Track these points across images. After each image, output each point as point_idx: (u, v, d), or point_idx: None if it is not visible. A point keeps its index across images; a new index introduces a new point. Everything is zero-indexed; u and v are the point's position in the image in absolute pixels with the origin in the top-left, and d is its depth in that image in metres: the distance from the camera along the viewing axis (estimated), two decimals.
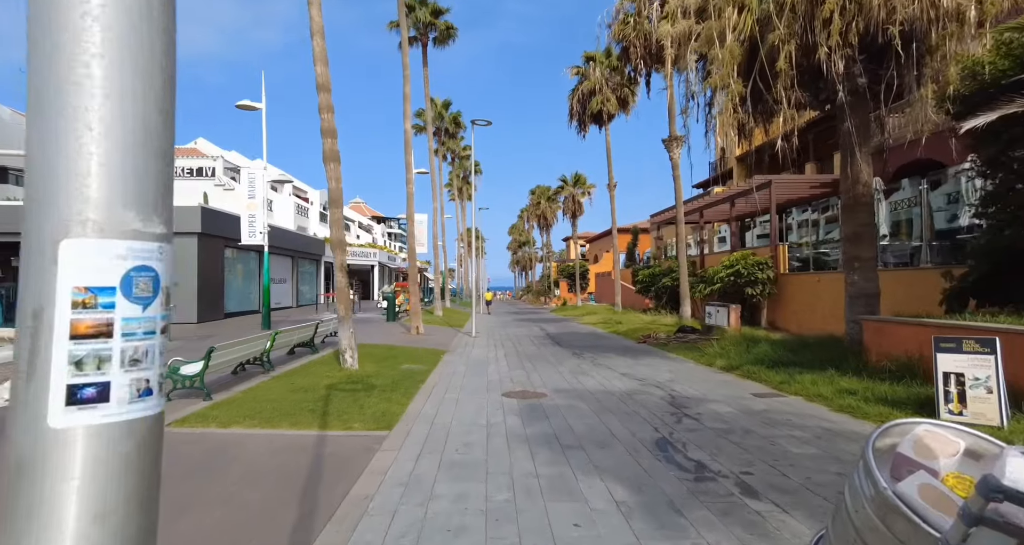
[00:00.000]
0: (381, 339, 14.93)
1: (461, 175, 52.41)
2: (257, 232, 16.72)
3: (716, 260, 21.67)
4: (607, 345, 14.69)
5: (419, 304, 16.79)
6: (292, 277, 30.72)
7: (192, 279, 19.83)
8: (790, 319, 16.07)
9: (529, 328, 21.25)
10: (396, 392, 7.57)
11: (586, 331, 19.49)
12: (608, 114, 25.00)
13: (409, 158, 16.82)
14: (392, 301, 20.92)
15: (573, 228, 37.31)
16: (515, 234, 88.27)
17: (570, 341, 15.79)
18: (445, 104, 33.67)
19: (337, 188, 8.65)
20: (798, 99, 8.06)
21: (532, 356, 12.33)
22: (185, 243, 19.75)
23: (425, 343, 14.60)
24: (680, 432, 5.73)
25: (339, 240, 8.77)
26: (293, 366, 9.59)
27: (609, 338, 16.74)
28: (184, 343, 13.91)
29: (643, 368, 10.30)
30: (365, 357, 10.66)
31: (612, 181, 25.89)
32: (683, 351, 12.56)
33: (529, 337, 17.28)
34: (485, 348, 14.06)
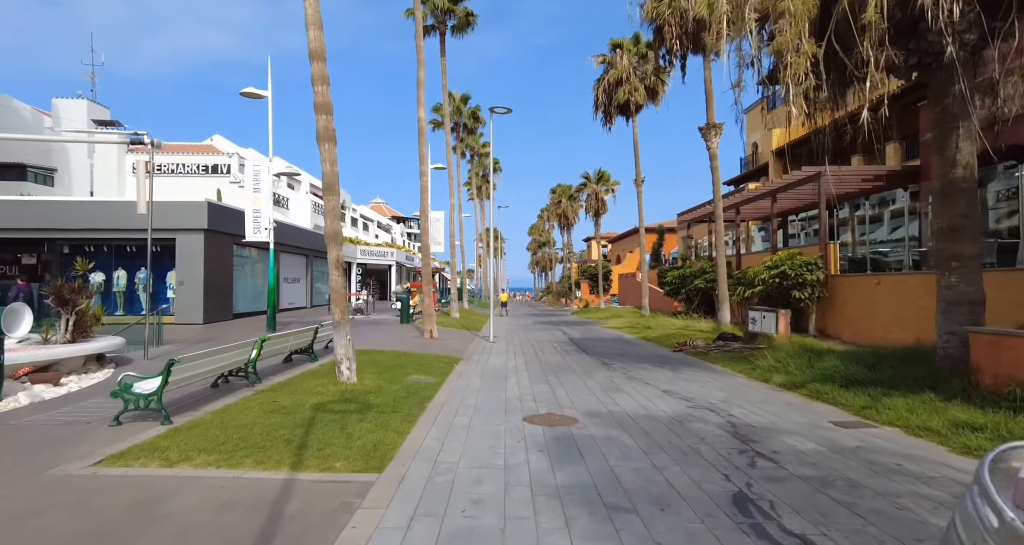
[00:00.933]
0: (390, 344, 13.72)
1: (480, 173, 51.27)
2: (263, 228, 15.70)
3: (754, 261, 20.00)
4: (639, 354, 13.24)
5: (433, 306, 15.54)
6: (306, 276, 29.86)
7: (198, 278, 18.97)
8: (843, 326, 14.39)
9: (551, 332, 19.87)
10: (396, 414, 6.28)
11: (612, 336, 18.03)
12: (636, 105, 23.47)
13: (423, 149, 15.62)
14: (406, 302, 19.75)
15: (596, 227, 35.79)
16: (535, 234, 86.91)
17: (597, 348, 14.37)
18: (464, 98, 32.50)
19: (332, 172, 7.43)
20: (888, 59, 6.56)
21: (556, 366, 10.96)
22: (191, 240, 18.91)
23: (438, 349, 13.35)
24: (760, 483, 4.31)
25: (334, 232, 7.55)
26: (283, 378, 8.40)
27: (639, 345, 15.26)
28: (178, 347, 12.86)
29: (687, 384, 8.86)
30: (368, 367, 9.44)
31: (639, 176, 24.36)
32: (728, 362, 11.05)
33: (551, 343, 15.91)
34: (503, 355, 12.74)
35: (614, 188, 34.98)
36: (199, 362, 6.14)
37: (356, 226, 47.12)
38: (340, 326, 7.60)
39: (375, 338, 15.03)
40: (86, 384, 7.78)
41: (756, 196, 19.28)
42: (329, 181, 7.48)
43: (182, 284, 18.71)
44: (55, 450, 4.89)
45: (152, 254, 20.39)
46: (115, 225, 18.33)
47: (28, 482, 4.16)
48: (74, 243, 19.09)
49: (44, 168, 33.34)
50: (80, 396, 7.12)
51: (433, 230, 26.54)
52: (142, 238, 19.67)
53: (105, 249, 19.06)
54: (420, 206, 15.70)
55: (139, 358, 10.71)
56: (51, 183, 33.54)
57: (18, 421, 5.91)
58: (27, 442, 5.24)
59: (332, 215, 7.50)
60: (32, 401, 6.56)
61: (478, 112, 32.99)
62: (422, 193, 15.76)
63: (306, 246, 29.32)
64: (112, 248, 19.18)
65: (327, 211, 7.49)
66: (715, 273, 21.50)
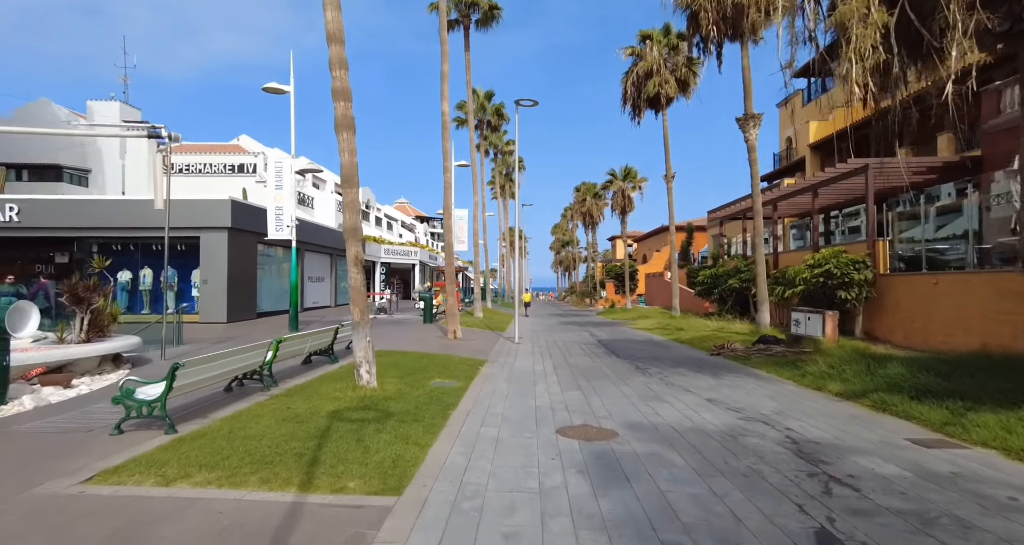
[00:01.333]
0: (413, 345, 13.27)
1: (504, 172, 50.76)
2: (284, 226, 15.43)
3: (793, 259, 18.98)
4: (674, 357, 12.50)
5: (457, 305, 15.05)
6: (331, 275, 29.79)
7: (222, 276, 18.85)
8: (894, 329, 13.38)
9: (577, 333, 19.20)
10: (418, 424, 5.76)
11: (643, 338, 17.27)
12: (666, 97, 22.61)
13: (446, 144, 15.13)
14: (429, 302, 19.32)
15: (622, 225, 34.91)
16: (558, 234, 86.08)
17: (628, 351, 13.67)
18: (488, 95, 31.99)
19: (351, 162, 6.95)
20: (978, 23, 5.74)
21: (587, 370, 10.32)
22: (215, 238, 18.80)
23: (462, 350, 12.83)
24: (844, 517, 3.63)
25: (353, 227, 7.07)
26: (300, 381, 7.96)
27: (673, 348, 14.49)
28: (197, 347, 12.62)
29: (732, 391, 8.13)
30: (389, 370, 8.96)
31: (670, 171, 23.46)
32: (773, 367, 10.24)
33: (579, 344, 15.25)
34: (530, 357, 12.15)
35: (641, 185, 34.04)
36: (207, 366, 5.71)
37: (380, 225, 47.15)
38: (360, 327, 7.12)
39: (398, 338, 14.61)
40: (97, 386, 7.48)
41: (796, 191, 18.25)
42: (347, 173, 7.00)
43: (206, 283, 18.63)
44: (47, 463, 4.49)
45: (177, 253, 20.49)
46: (142, 223, 18.35)
47: (9, 502, 3.74)
48: (103, 241, 19.20)
49: (79, 169, 34.03)
50: (88, 400, 6.80)
51: (456, 228, 26.11)
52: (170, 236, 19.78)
53: (132, 247, 19.13)
54: (443, 203, 15.24)
55: (157, 358, 10.46)
56: (85, 184, 34.22)
57: (17, 428, 5.57)
58: (19, 453, 4.87)
59: (351, 209, 7.02)
60: (37, 405, 6.25)
61: (502, 109, 32.46)
62: (445, 189, 15.28)
63: (330, 245, 29.24)
64: (139, 246, 19.24)
65: (345, 204, 7.01)
66: (751, 272, 20.54)
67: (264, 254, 22.59)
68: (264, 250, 22.26)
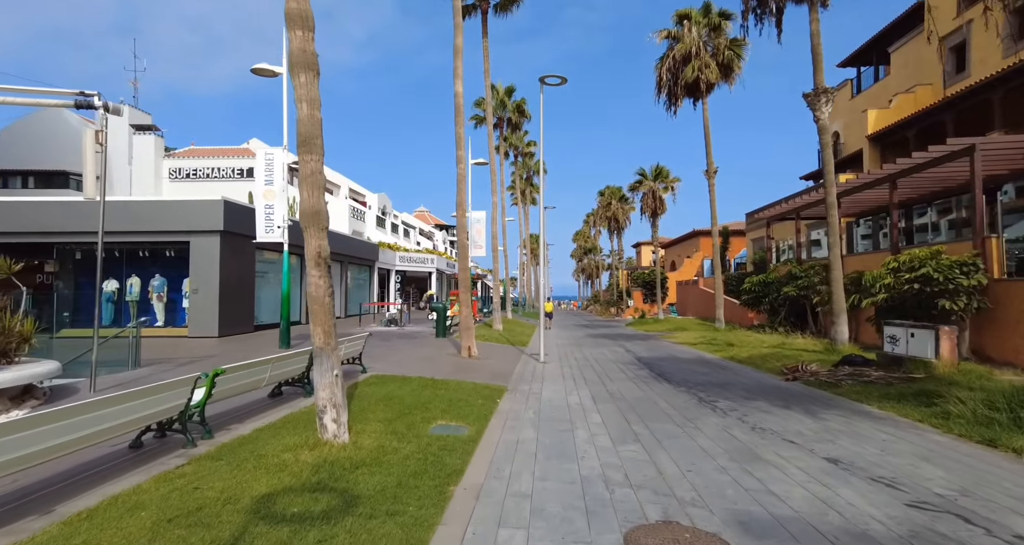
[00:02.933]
0: (419, 365, 11.06)
1: (524, 176, 48.68)
2: (275, 227, 13.47)
3: (864, 263, 16.28)
4: (738, 382, 10.03)
5: (474, 316, 12.83)
6: (340, 284, 27.90)
7: (213, 285, 17.00)
8: (1021, 348, 10.66)
9: (610, 349, 16.78)
10: (395, 522, 3.51)
11: (690, 356, 14.77)
12: (707, 83, 20.21)
13: (460, 130, 13.00)
14: (442, 313, 17.13)
15: (653, 228, 32.34)
16: (580, 240, 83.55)
17: (679, 373, 11.23)
18: (508, 90, 29.96)
19: (311, 117, 4.80)
20: None
21: (637, 404, 7.96)
22: (206, 243, 16.97)
23: (477, 372, 10.58)
24: None
25: (314, 211, 4.90)
26: (248, 428, 5.78)
27: (732, 369, 12.00)
28: (158, 370, 10.42)
29: (855, 443, 5.69)
30: (376, 407, 6.75)
31: (711, 166, 20.97)
32: (886, 402, 7.71)
33: (616, 364, 12.86)
34: (560, 382, 9.82)
35: (673, 186, 31.51)
36: (90, 417, 3.55)
37: (397, 232, 45.41)
38: (323, 355, 4.93)
39: (403, 357, 12.43)
40: None
41: (869, 183, 15.61)
42: (307, 131, 4.85)
43: (195, 292, 16.79)
44: None
45: (166, 259, 18.76)
46: (126, 227, 16.65)
47: None
48: (84, 247, 17.54)
49: None
50: None
51: (474, 231, 24.00)
52: (156, 241, 18.03)
53: (116, 254, 17.42)
54: (456, 198, 13.09)
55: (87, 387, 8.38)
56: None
57: None
58: None
59: (310, 183, 4.87)
60: None
61: (524, 105, 30.37)
62: (459, 183, 13.14)
63: (340, 251, 27.40)
64: (124, 253, 17.53)
65: (302, 178, 4.87)
66: (810, 279, 17.90)
67: (264, 260, 20.74)
68: (264, 256, 20.42)
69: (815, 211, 20.01)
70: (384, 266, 35.13)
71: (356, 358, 9.58)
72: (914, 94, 21.29)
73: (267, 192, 13.42)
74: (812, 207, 18.89)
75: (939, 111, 18.00)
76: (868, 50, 26.63)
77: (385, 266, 35.28)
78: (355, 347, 9.27)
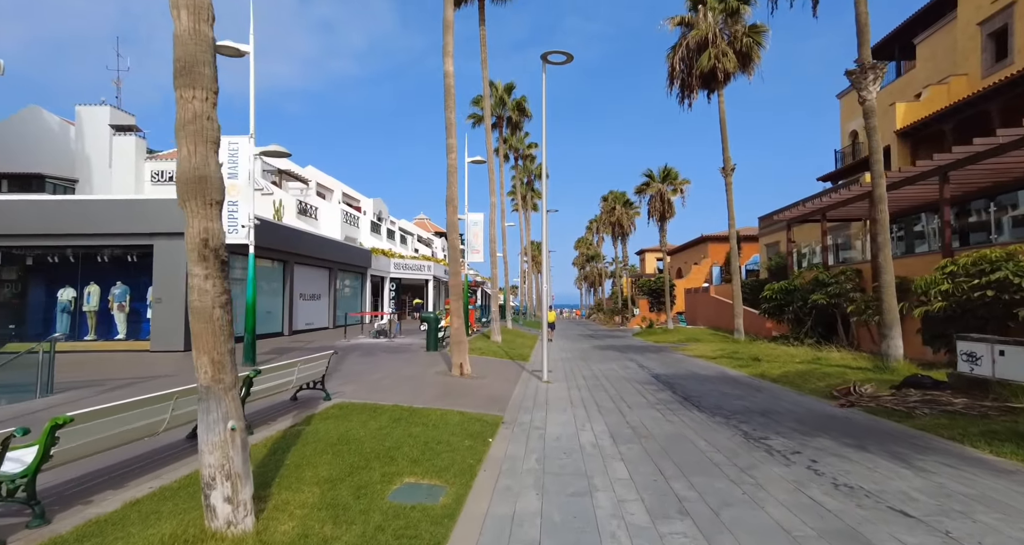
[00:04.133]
0: (399, 387, 9.29)
1: (525, 180, 47.11)
2: (239, 226, 11.78)
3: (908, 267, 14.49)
4: (785, 410, 8.24)
5: (471, 327, 11.08)
6: (329, 292, 26.17)
7: (179, 294, 15.30)
8: None
9: (622, 363, 15.00)
10: None
11: (713, 373, 12.99)
12: (724, 73, 18.59)
13: (450, 115, 11.33)
14: (433, 324, 15.37)
15: (661, 233, 30.60)
16: (582, 248, 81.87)
17: (707, 396, 9.45)
18: (508, 88, 28.38)
19: (195, 33, 3.10)
20: None
21: (668, 443, 6.18)
22: (170, 247, 15.30)
23: (468, 397, 8.82)
24: None
25: (198, 176, 3.16)
26: (112, 504, 3.99)
27: (767, 390, 10.21)
28: (72, 398, 8.52)
29: (1002, 521, 3.90)
30: (322, 456, 4.99)
31: (728, 163, 19.27)
32: (1003, 445, 5.90)
33: (631, 382, 11.08)
34: (569, 412, 8.04)
35: (682, 188, 29.81)
36: None
37: (393, 239, 43.74)
38: (212, 398, 3.18)
39: (383, 376, 10.67)
40: None
41: (914, 176, 13.85)
42: (187, 54, 3.11)
43: (159, 302, 15.08)
44: None
45: (128, 265, 17.04)
46: (83, 228, 14.98)
47: None
48: (36, 252, 15.84)
49: (65, 179, 31.36)
50: None
51: (471, 235, 22.32)
52: (117, 245, 16.18)
53: (72, 259, 15.72)
54: (447, 193, 11.39)
55: None
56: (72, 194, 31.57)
57: None
58: None
59: (191, 133, 3.13)
60: None
61: (524, 103, 28.78)
62: (449, 176, 11.45)
63: (330, 258, 25.70)
64: (80, 257, 15.82)
65: (181, 124, 3.11)
66: (841, 286, 16.13)
67: (242, 266, 19.02)
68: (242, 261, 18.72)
69: (844, 211, 18.30)
70: (377, 273, 33.41)
71: (318, 382, 7.82)
72: (947, 85, 19.65)
73: (230, 187, 11.74)
74: (842, 206, 17.18)
75: (982, 100, 16.34)
76: (890, 43, 25.04)
77: (378, 273, 33.56)
78: (314, 369, 7.51)
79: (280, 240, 20.80)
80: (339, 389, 8.95)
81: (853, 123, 28.50)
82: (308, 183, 36.19)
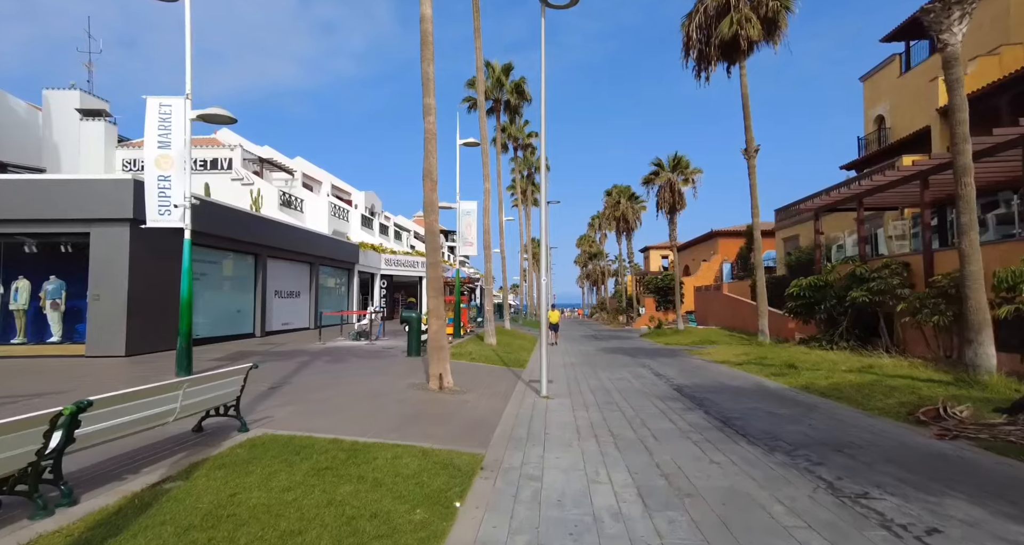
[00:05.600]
0: (353, 410, 7.18)
1: (525, 173, 44.98)
2: (172, 206, 9.66)
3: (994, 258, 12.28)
4: (864, 441, 6.10)
5: (444, 333, 9.01)
6: (310, 289, 24.06)
7: (120, 290, 13.20)
8: None
9: (633, 370, 12.88)
10: None
11: (745, 383, 10.85)
12: (747, 41, 16.44)
13: (428, 68, 9.20)
14: (416, 324, 13.27)
15: (671, 226, 28.43)
16: (584, 245, 79.64)
17: (751, 418, 7.30)
18: (506, 68, 26.25)
19: None
20: None
21: (726, 508, 4.04)
22: (110, 236, 13.21)
23: (441, 423, 6.71)
24: None
25: None
26: None
27: (824, 410, 8.07)
28: None
29: None
30: None
31: (751, 144, 17.11)
32: None
33: (650, 398, 8.95)
34: (575, 448, 5.90)
35: (693, 177, 27.65)
36: None
37: (387, 234, 41.57)
38: None
39: (340, 391, 8.55)
40: None
41: (991, 147, 11.65)
42: None
43: (97, 299, 12.98)
44: None
45: (63, 256, 14.99)
46: (7, 213, 12.89)
47: None
48: None
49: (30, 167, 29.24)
50: None
51: (463, 226, 20.18)
52: (49, 232, 13.63)
53: None
54: (424, 165, 9.25)
55: None
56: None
57: None
58: None
59: None
60: None
61: (523, 85, 26.60)
62: (426, 144, 9.32)
63: (311, 252, 23.58)
64: (3, 247, 13.71)
65: None
66: (886, 281, 13.96)
67: (204, 260, 16.94)
68: (205, 254, 16.63)
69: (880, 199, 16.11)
70: (367, 270, 31.30)
71: (231, 407, 5.69)
72: (999, 56, 17.49)
73: (161, 158, 9.63)
74: (888, 189, 15.00)
75: None
76: None
77: (368, 270, 31.45)
78: (221, 390, 5.39)
79: (250, 230, 18.71)
80: (272, 412, 6.83)
81: (879, 107, 26.33)
82: (293, 174, 34.05)
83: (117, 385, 6.12)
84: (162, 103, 9.66)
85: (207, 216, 16.38)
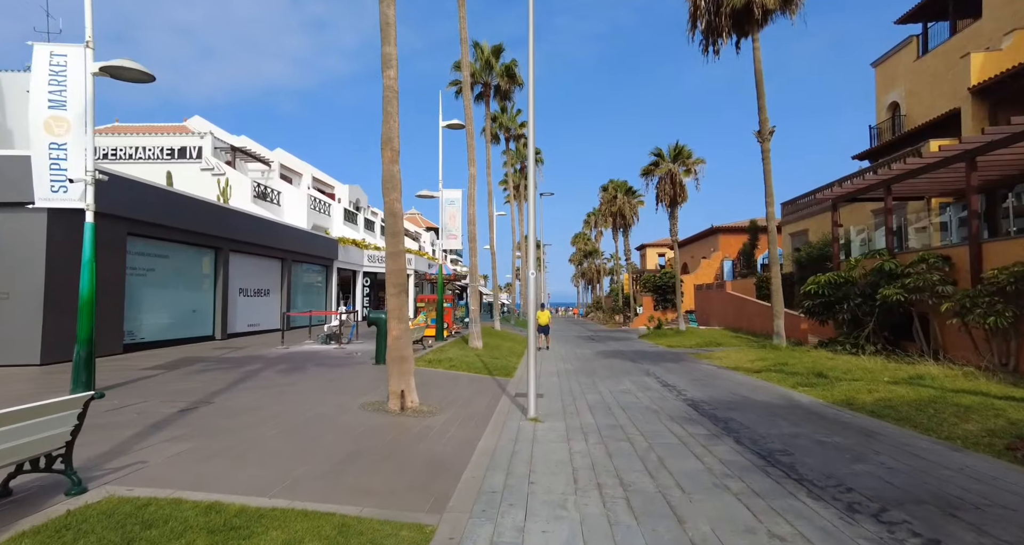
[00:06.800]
0: (268, 448, 5.35)
1: (517, 166, 43.12)
2: (68, 181, 7.78)
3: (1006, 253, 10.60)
4: (976, 497, 4.31)
5: (408, 339, 7.19)
6: (281, 287, 22.15)
7: (35, 286, 11.30)
8: None
9: (637, 379, 11.11)
10: None
11: (772, 397, 9.09)
12: (762, 10, 14.70)
13: (389, 9, 7.38)
14: (382, 327, 11.43)
15: (672, 220, 26.69)
16: (579, 243, 77.96)
17: (800, 454, 5.53)
18: (496, 50, 24.40)
19: None
20: None
21: None
22: (18, 224, 11.31)
23: (387, 467, 4.90)
24: None
25: None
26: None
27: (889, 437, 6.30)
28: None
29: None
30: None
31: (765, 127, 15.35)
32: None
33: (663, 420, 7.16)
34: (570, 511, 4.09)
35: (695, 167, 25.93)
36: None
37: (372, 230, 39.60)
38: None
39: (277, 412, 6.71)
40: None
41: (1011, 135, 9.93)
42: None
43: (6, 297, 11.08)
44: None
45: None
46: None
47: None
48: None
49: None
50: None
51: (446, 216, 18.33)
52: None
53: None
54: (382, 132, 7.43)
55: None
56: None
57: None
58: None
59: None
60: None
61: (514, 68, 24.75)
62: (385, 105, 7.52)
63: (283, 246, 21.68)
64: None
65: None
66: (923, 276, 12.25)
67: (151, 253, 15.02)
68: (147, 244, 14.71)
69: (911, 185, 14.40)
70: (347, 267, 29.39)
71: (56, 457, 3.84)
72: None
73: (53, 120, 7.75)
74: (918, 175, 13.29)
75: None
76: None
77: (348, 267, 29.54)
78: (42, 434, 3.54)
79: (209, 222, 16.80)
80: (153, 453, 4.99)
81: (892, 94, 24.72)
82: (270, 164, 32.05)
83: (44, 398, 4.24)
84: (54, 52, 7.78)
85: (156, 204, 14.51)
